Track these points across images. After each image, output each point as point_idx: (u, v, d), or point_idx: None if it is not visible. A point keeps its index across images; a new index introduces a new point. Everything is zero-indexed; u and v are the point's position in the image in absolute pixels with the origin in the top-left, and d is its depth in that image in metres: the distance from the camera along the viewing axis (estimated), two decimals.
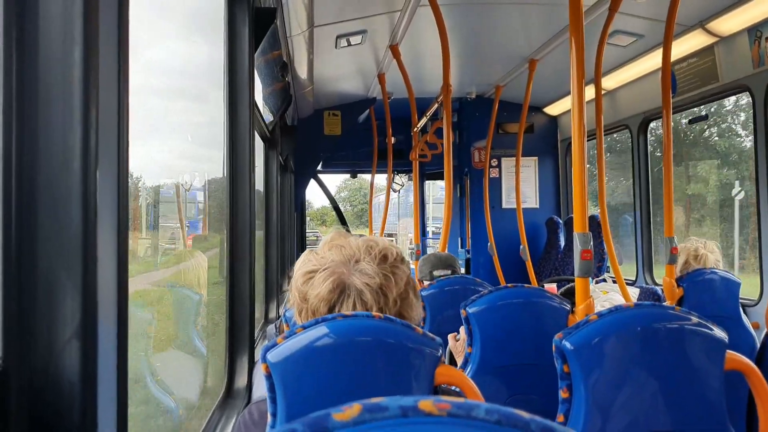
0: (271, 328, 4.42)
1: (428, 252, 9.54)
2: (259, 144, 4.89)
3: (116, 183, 0.87)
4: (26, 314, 0.77)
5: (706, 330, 1.61)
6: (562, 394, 1.61)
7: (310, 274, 1.44)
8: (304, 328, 1.33)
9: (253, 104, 2.79)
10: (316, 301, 1.41)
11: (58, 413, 0.78)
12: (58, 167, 0.78)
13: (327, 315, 1.38)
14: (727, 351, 1.60)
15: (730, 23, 4.36)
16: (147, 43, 2.09)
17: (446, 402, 0.51)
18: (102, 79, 0.83)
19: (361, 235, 1.60)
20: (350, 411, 0.51)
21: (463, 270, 3.77)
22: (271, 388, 1.29)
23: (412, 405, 0.51)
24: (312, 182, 9.11)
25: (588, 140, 5.83)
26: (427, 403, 0.51)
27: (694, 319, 1.62)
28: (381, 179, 15.86)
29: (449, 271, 3.59)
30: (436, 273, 3.61)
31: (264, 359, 1.30)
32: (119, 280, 0.88)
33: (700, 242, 3.83)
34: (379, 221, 9.05)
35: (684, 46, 4.80)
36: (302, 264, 1.48)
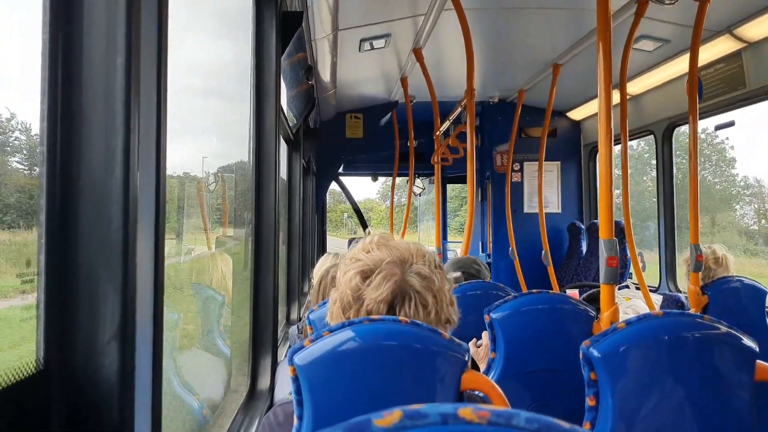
0: (293, 329, 4.44)
1: (449, 256, 9.53)
2: (282, 146, 4.92)
3: (155, 186, 0.89)
4: (67, 316, 0.79)
5: (735, 339, 1.59)
6: (589, 402, 1.60)
7: (366, 274, 1.43)
8: (331, 331, 1.34)
9: (279, 106, 2.81)
10: (374, 305, 1.41)
11: (97, 413, 0.80)
12: (101, 170, 0.80)
13: (354, 318, 1.39)
14: (757, 361, 1.58)
15: (759, 29, 4.31)
16: (178, 46, 2.11)
17: (486, 410, 0.52)
18: (143, 84, 0.84)
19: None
20: (390, 417, 0.52)
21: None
22: (298, 391, 1.30)
23: (452, 412, 0.52)
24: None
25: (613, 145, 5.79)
26: (467, 411, 0.52)
27: (723, 329, 1.60)
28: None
29: (459, 273, 3.55)
30: (452, 275, 3.58)
31: (291, 361, 1.30)
32: (156, 282, 0.90)
33: (713, 246, 3.81)
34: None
35: (711, 51, 4.75)
36: (350, 263, 1.46)
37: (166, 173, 0.91)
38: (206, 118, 2.92)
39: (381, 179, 10.44)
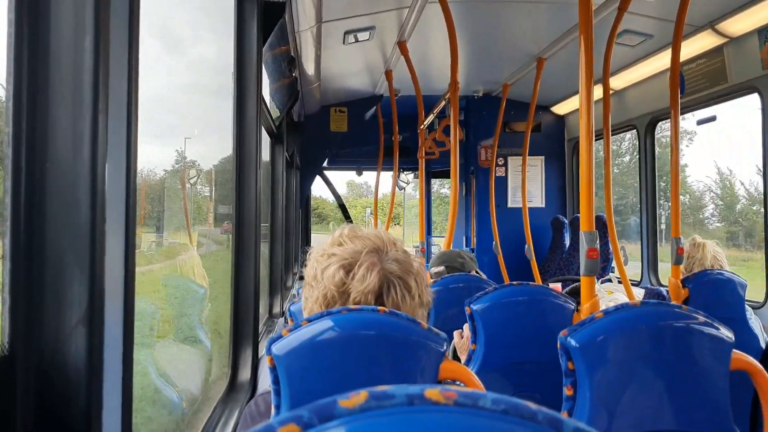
0: (280, 321, 4.43)
1: (433, 251, 9.53)
2: (265, 139, 4.90)
3: (125, 171, 0.87)
4: (33, 301, 0.78)
5: (712, 329, 1.60)
6: (567, 392, 1.60)
7: (348, 268, 1.42)
8: (309, 321, 1.33)
9: (261, 98, 2.79)
10: (361, 297, 1.40)
11: (64, 399, 0.78)
12: (68, 156, 0.78)
13: (332, 309, 1.38)
14: (733, 351, 1.59)
15: (740, 24, 4.34)
16: (158, 36, 2.09)
17: (453, 391, 0.51)
18: (112, 72, 0.83)
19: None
20: (357, 398, 0.51)
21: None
22: (276, 381, 1.30)
23: (419, 393, 0.51)
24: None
25: (596, 140, 5.83)
26: (433, 392, 0.51)
27: (701, 318, 1.61)
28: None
29: (442, 267, 3.56)
30: (433, 270, 3.59)
31: (269, 351, 1.30)
32: (126, 268, 0.88)
33: (694, 236, 3.85)
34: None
35: (693, 46, 4.78)
36: (328, 258, 1.45)
37: (137, 157, 0.89)
38: (189, 110, 2.91)
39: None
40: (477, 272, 3.64)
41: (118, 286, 0.87)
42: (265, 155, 5.03)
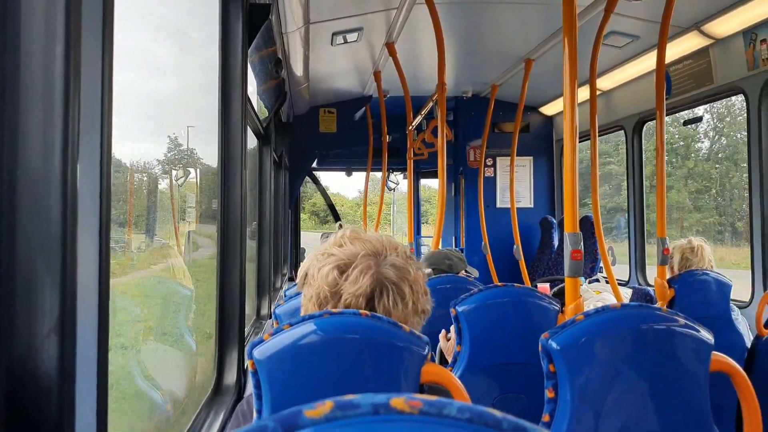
0: (268, 323, 4.42)
1: (422, 251, 9.53)
2: (253, 140, 4.88)
3: (98, 177, 0.87)
4: (3, 309, 0.77)
5: (692, 331, 1.61)
6: (548, 394, 1.61)
7: (343, 269, 1.42)
8: (292, 325, 1.33)
9: (246, 100, 2.78)
10: (352, 299, 1.40)
11: (36, 409, 0.78)
12: (38, 161, 0.78)
13: (315, 312, 1.38)
14: (713, 352, 1.60)
15: (726, 25, 4.37)
16: (136, 35, 2.08)
17: (418, 400, 0.51)
18: (84, 73, 0.82)
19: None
20: (322, 408, 0.51)
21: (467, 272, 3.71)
22: (257, 385, 1.29)
23: (384, 402, 0.51)
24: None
25: (583, 141, 5.85)
26: (399, 401, 0.51)
27: (681, 321, 1.62)
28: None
29: (429, 270, 3.55)
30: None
31: (250, 355, 1.29)
32: (100, 275, 0.88)
33: (690, 238, 3.85)
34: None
35: (679, 47, 4.81)
36: (326, 258, 1.45)
37: (111, 162, 0.89)
38: (170, 111, 2.90)
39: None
40: (466, 272, 3.63)
41: (92, 293, 0.87)
42: (253, 156, 5.02)
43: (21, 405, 0.77)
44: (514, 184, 7.08)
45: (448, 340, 2.76)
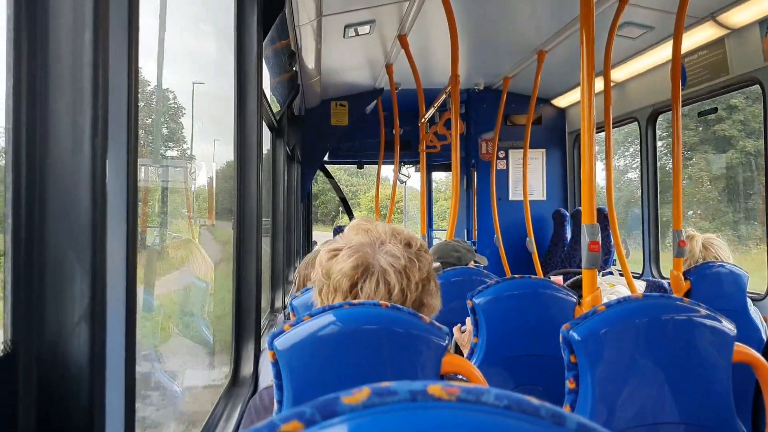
0: (281, 317, 4.43)
1: (434, 243, 9.52)
2: (266, 133, 4.89)
3: (125, 166, 0.87)
4: (35, 297, 0.78)
5: (714, 322, 1.60)
6: (569, 385, 1.60)
7: (335, 252, 1.45)
8: (311, 315, 1.33)
9: (261, 93, 2.78)
10: (339, 276, 1.41)
11: (67, 396, 0.78)
12: (68, 150, 0.78)
13: (335, 303, 1.38)
14: (736, 343, 1.59)
15: (742, 15, 4.32)
16: (158, 29, 2.09)
17: (455, 387, 0.51)
18: (112, 67, 0.82)
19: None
20: (359, 395, 0.51)
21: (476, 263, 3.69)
22: (278, 375, 1.30)
23: (422, 389, 0.51)
24: None
25: (597, 132, 5.82)
26: (436, 388, 0.51)
27: (703, 311, 1.61)
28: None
29: (438, 264, 3.51)
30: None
31: (271, 346, 1.30)
32: (128, 263, 0.88)
33: (708, 235, 3.81)
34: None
35: (694, 38, 4.76)
36: (328, 245, 1.50)
37: (138, 152, 0.89)
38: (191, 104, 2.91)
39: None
40: (476, 262, 3.60)
41: (120, 282, 0.87)
42: (266, 149, 5.03)
43: (52, 392, 0.78)
44: (527, 176, 7.05)
45: (463, 332, 2.76)
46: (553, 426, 0.51)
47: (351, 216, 10.45)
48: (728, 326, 1.60)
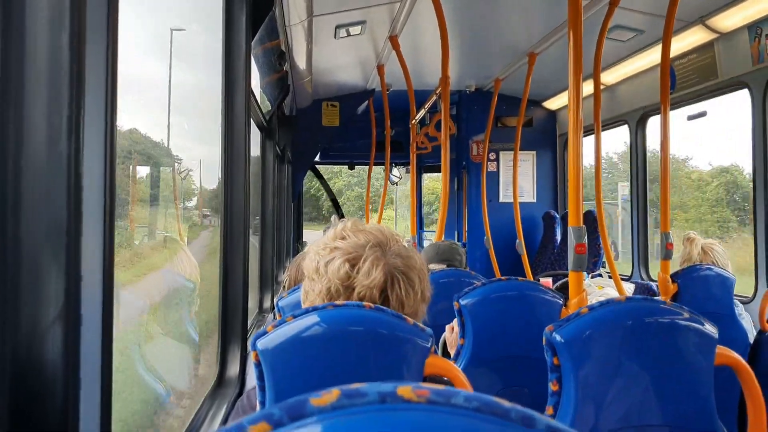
0: (269, 318, 4.42)
1: (424, 244, 9.52)
2: (256, 133, 4.88)
3: (103, 166, 0.87)
4: (7, 298, 0.77)
5: (697, 325, 1.60)
6: (552, 387, 1.60)
7: (353, 262, 1.41)
8: (295, 316, 1.33)
9: (249, 92, 2.77)
10: (366, 290, 1.40)
11: (40, 397, 0.78)
12: (43, 148, 0.78)
13: (318, 304, 1.38)
14: (718, 346, 1.60)
15: (731, 19, 4.35)
16: (141, 27, 2.08)
17: (425, 389, 0.51)
18: (89, 67, 0.82)
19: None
20: (328, 396, 0.51)
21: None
22: (260, 377, 1.29)
23: (391, 391, 0.51)
24: None
25: (587, 135, 5.84)
26: (406, 390, 0.51)
27: (686, 314, 1.61)
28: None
29: (444, 266, 3.55)
30: (431, 266, 3.56)
31: (254, 347, 1.29)
32: (104, 263, 0.88)
33: (709, 240, 3.81)
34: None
35: (684, 41, 4.79)
36: (331, 252, 1.45)
37: (116, 151, 0.89)
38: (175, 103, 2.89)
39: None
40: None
41: (97, 283, 0.87)
42: (255, 149, 5.01)
43: (25, 393, 0.77)
44: (518, 178, 7.07)
45: (453, 332, 2.76)
46: (522, 428, 0.51)
47: (341, 215, 10.44)
48: (710, 329, 1.61)
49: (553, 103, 7.72)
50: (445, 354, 2.81)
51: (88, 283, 0.84)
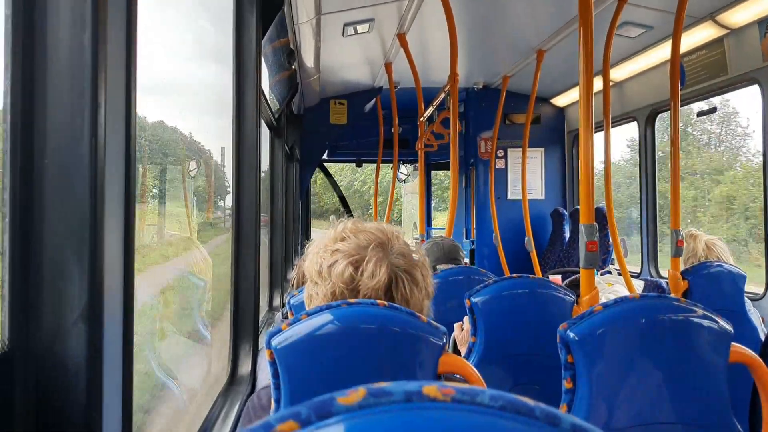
0: (278, 315, 4.43)
1: None
2: (265, 132, 4.88)
3: (123, 165, 0.87)
4: (32, 297, 0.78)
5: (710, 322, 1.60)
6: (566, 384, 1.60)
7: (357, 264, 1.41)
8: (309, 315, 1.33)
9: (260, 91, 2.78)
10: (371, 292, 1.40)
11: (64, 395, 0.78)
12: (65, 149, 0.78)
13: (332, 302, 1.38)
14: (732, 343, 1.60)
15: (741, 15, 4.32)
16: (157, 26, 2.09)
17: (451, 387, 0.51)
18: (110, 67, 0.82)
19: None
20: (355, 395, 0.51)
21: (467, 260, 3.73)
22: (275, 374, 1.30)
23: (417, 390, 0.51)
24: None
25: (596, 132, 5.82)
26: (431, 389, 0.51)
27: (699, 311, 1.61)
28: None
29: (452, 265, 3.55)
30: (439, 267, 3.56)
31: (268, 345, 1.30)
32: (125, 263, 0.88)
33: (713, 238, 3.80)
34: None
35: (693, 37, 4.76)
36: (333, 254, 1.44)
37: (136, 151, 0.89)
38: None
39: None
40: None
41: (118, 282, 0.87)
42: (265, 148, 5.02)
43: (49, 391, 0.78)
44: (526, 175, 7.05)
45: (462, 330, 2.76)
46: (547, 426, 0.51)
47: (350, 213, 10.45)
48: (725, 326, 1.60)
49: (561, 100, 7.69)
50: (455, 352, 2.81)
51: (110, 283, 0.84)
